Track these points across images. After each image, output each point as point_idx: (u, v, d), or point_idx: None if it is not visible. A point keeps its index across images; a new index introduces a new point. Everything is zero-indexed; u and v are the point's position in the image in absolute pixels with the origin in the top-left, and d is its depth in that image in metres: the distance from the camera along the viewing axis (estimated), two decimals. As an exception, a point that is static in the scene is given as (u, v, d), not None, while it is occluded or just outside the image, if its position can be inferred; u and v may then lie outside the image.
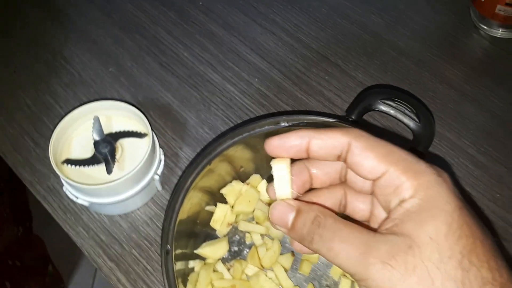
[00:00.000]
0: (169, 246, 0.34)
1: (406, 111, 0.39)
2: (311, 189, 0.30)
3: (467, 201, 0.25)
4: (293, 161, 0.29)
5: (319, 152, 0.27)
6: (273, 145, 0.28)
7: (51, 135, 0.42)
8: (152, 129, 0.43)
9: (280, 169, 0.28)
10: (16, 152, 0.48)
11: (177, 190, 0.39)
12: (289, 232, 0.27)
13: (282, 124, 0.43)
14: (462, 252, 0.22)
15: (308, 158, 0.28)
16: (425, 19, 0.60)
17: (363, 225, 0.27)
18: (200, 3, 0.62)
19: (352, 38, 0.59)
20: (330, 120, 0.41)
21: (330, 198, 0.30)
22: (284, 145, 0.28)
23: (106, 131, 0.44)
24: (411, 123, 0.38)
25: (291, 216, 0.27)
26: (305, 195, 0.30)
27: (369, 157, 0.25)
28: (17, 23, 0.59)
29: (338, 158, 0.27)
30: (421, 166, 0.25)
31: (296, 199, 0.28)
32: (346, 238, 0.24)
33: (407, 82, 0.54)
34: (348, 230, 0.24)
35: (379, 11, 0.61)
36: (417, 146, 0.38)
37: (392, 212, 0.24)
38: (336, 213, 0.27)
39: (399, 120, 0.40)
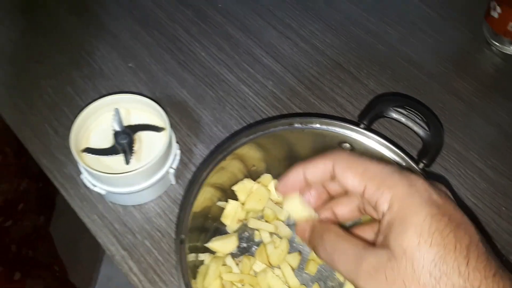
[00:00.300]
0: (183, 235, 0.36)
1: (417, 120, 0.40)
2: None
3: (469, 212, 0.27)
4: None
5: (315, 179, 0.31)
6: (281, 189, 0.33)
7: (71, 124, 0.43)
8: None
9: (291, 206, 0.33)
10: (36, 139, 0.50)
11: (192, 184, 0.40)
12: (308, 244, 0.32)
13: (296, 125, 0.44)
14: (434, 260, 0.24)
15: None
16: (438, 33, 0.61)
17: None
18: (220, 5, 0.63)
19: (365, 47, 0.60)
20: (343, 124, 0.42)
21: (348, 204, 0.33)
22: (288, 185, 0.32)
23: (125, 123, 0.45)
24: (421, 132, 0.40)
25: (307, 233, 0.32)
26: (327, 204, 0.34)
27: (349, 177, 0.29)
28: (43, 16, 0.61)
29: (332, 178, 0.30)
30: (394, 179, 0.27)
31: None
32: (343, 251, 0.28)
33: (418, 93, 0.56)
34: (346, 244, 0.28)
35: (393, 23, 0.62)
36: (426, 155, 0.39)
37: (380, 226, 0.27)
38: (342, 226, 0.31)
39: (409, 127, 0.42)
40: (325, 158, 0.30)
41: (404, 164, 0.38)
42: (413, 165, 0.38)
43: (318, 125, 0.43)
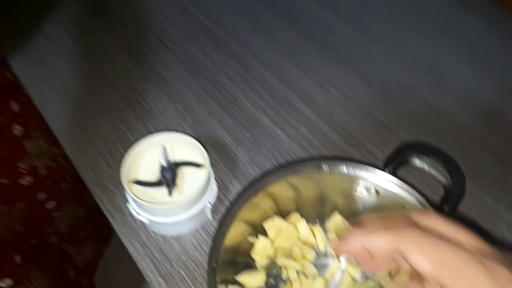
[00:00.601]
0: (215, 264, 0.39)
1: (440, 168, 0.42)
2: None
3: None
4: None
5: (376, 252, 0.29)
6: (338, 251, 0.32)
7: (122, 157, 0.49)
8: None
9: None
10: (90, 170, 0.56)
11: (226, 218, 0.44)
12: None
13: (324, 167, 0.47)
14: None
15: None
16: (469, 86, 0.64)
17: None
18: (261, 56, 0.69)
19: (397, 97, 0.63)
20: (368, 168, 0.45)
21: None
22: (345, 250, 0.31)
23: (170, 159, 0.50)
24: (443, 179, 0.42)
25: None
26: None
27: (418, 258, 0.26)
28: (104, 60, 0.69)
29: (397, 255, 0.28)
30: (473, 268, 0.24)
31: None
32: None
33: (448, 144, 0.57)
34: None
35: (425, 75, 0.65)
36: (447, 201, 0.41)
37: None
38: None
39: (432, 175, 0.44)
40: (390, 234, 0.28)
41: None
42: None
43: (344, 168, 0.46)
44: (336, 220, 0.50)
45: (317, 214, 0.51)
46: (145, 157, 0.51)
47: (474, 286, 0.24)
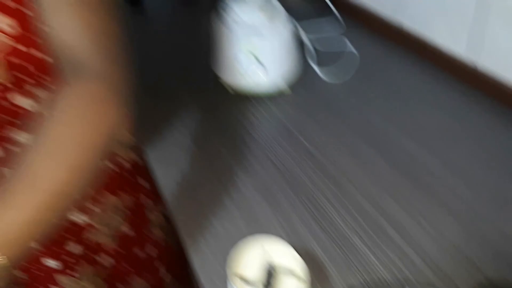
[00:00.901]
0: None
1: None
2: None
3: None
4: None
5: None
6: None
7: (226, 253, 0.56)
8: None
9: None
10: (198, 259, 0.63)
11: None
12: None
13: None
14: None
15: None
16: None
17: None
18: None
19: (486, 235, 0.65)
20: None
21: None
22: None
23: (268, 262, 0.56)
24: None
25: None
26: None
27: None
28: (217, 165, 0.81)
29: None
30: None
31: None
32: None
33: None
34: None
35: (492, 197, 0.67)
36: None
37: None
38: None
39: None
40: None
41: None
42: None
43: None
44: None
45: None
46: (247, 255, 0.58)
47: None
